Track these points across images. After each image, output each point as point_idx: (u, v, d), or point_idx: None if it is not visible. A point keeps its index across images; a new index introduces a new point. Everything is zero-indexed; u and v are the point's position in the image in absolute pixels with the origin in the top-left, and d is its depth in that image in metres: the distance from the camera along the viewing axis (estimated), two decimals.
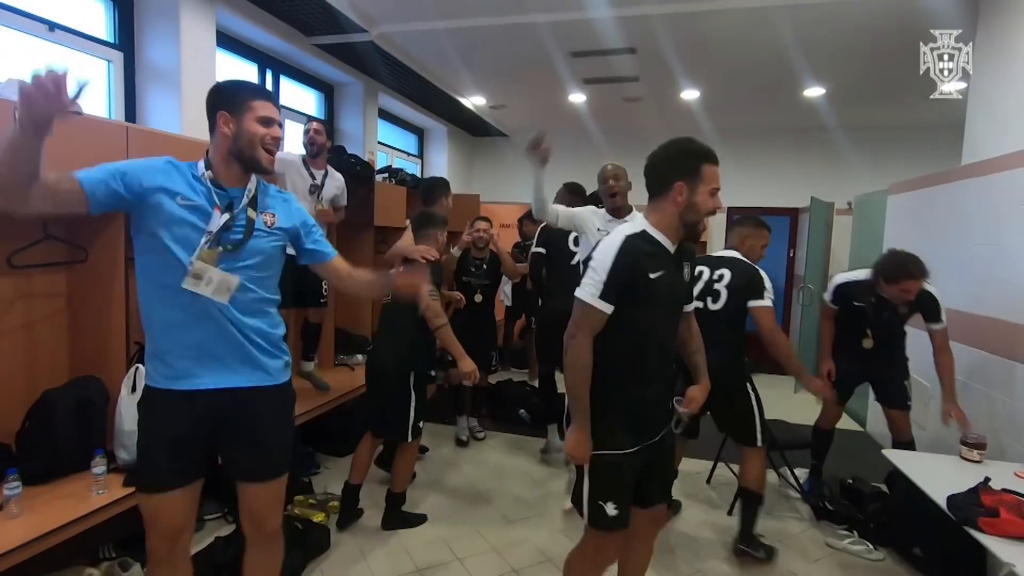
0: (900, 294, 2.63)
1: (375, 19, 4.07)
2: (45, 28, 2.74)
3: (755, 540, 2.53)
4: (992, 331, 2.83)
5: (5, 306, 2.16)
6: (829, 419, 3.15)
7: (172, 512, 1.53)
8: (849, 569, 2.52)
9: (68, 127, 2.03)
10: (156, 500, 1.51)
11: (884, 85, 4.93)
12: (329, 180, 3.22)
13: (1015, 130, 2.93)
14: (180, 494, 1.52)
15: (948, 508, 1.70)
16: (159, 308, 1.47)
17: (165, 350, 1.48)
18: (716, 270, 2.58)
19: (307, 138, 3.12)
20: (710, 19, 3.75)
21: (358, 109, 5.23)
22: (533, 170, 2.60)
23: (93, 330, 2.34)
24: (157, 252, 1.43)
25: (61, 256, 2.31)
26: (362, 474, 2.71)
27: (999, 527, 1.54)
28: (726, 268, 2.57)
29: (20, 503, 1.83)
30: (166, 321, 1.47)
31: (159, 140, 2.47)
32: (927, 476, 2.00)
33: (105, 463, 2.01)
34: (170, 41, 3.13)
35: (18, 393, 2.16)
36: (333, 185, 3.25)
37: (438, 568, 2.42)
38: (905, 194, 4.02)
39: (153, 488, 1.52)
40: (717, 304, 2.54)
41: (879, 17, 3.59)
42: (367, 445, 2.71)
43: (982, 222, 3.01)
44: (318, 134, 3.12)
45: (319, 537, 2.47)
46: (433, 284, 2.64)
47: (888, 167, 5.83)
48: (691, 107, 5.80)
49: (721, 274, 2.56)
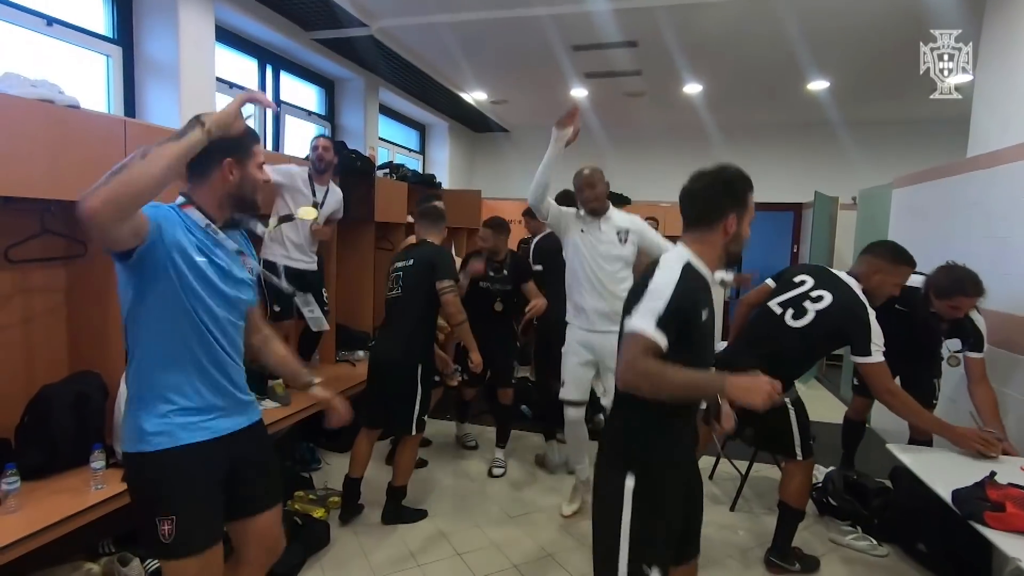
0: (950, 310, 2.46)
1: (375, 13, 4.05)
2: (43, 23, 2.73)
3: (789, 554, 2.41)
4: (997, 325, 2.80)
5: (3, 301, 2.15)
6: (858, 410, 3.14)
7: (219, 562, 1.48)
8: (853, 565, 2.51)
9: (66, 121, 2.03)
10: (209, 555, 1.44)
11: (888, 79, 4.89)
12: (330, 196, 3.19)
13: (1020, 123, 2.90)
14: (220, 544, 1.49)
15: (953, 503, 1.68)
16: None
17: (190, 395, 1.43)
18: (819, 289, 2.26)
19: (315, 155, 3.08)
20: (712, 12, 3.72)
21: (359, 104, 5.21)
22: (552, 146, 2.50)
23: (92, 325, 2.33)
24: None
25: (59, 251, 2.30)
26: (362, 468, 2.71)
27: (1005, 521, 1.52)
28: (828, 292, 2.24)
29: (19, 498, 1.82)
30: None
31: (157, 134, 2.44)
32: (931, 471, 1.98)
33: (104, 458, 2.00)
34: (169, 36, 3.12)
35: (16, 388, 2.15)
36: (334, 200, 3.23)
37: (438, 563, 2.42)
38: (909, 188, 3.99)
39: (209, 542, 1.44)
40: (797, 321, 2.24)
41: (883, 10, 3.55)
42: (365, 439, 2.71)
43: (987, 215, 2.99)
44: (326, 151, 3.09)
45: (319, 532, 2.47)
46: (452, 280, 2.66)
47: (892, 161, 5.79)
48: (693, 102, 5.77)
49: (820, 295, 2.24)
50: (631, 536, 1.34)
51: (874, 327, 2.12)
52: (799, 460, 2.32)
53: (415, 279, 2.64)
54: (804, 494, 2.38)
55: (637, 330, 1.29)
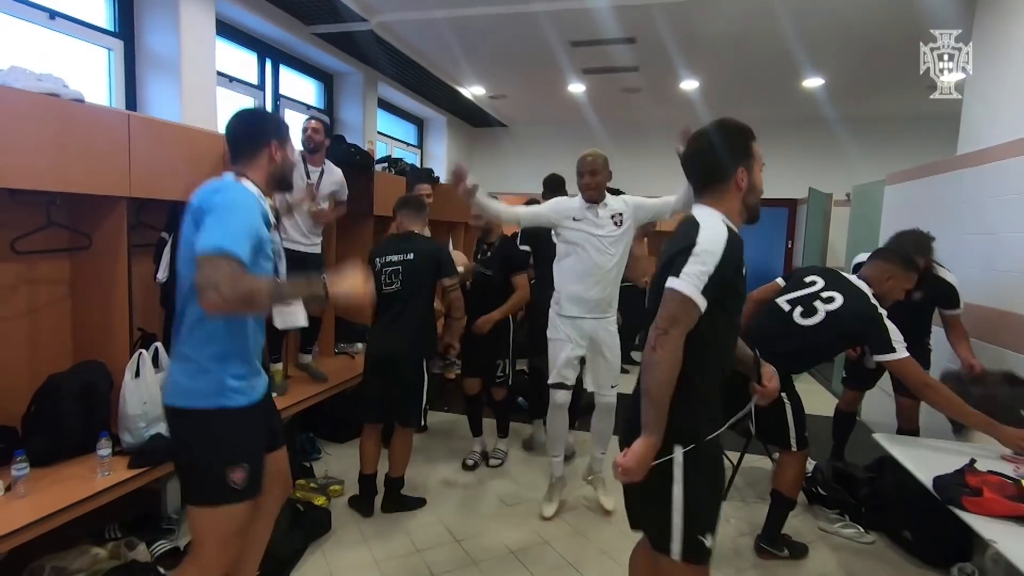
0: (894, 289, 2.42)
1: (375, 8, 4.07)
2: (46, 16, 2.75)
3: (779, 540, 2.48)
4: (985, 320, 2.86)
5: (8, 292, 2.19)
6: (848, 402, 3.22)
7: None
8: (840, 552, 2.57)
9: (71, 115, 2.06)
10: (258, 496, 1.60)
11: (882, 76, 4.93)
12: (326, 176, 3.22)
13: (1010, 120, 2.95)
14: None
15: (934, 488, 1.74)
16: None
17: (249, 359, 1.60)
18: (830, 290, 2.31)
19: (304, 136, 3.13)
20: (709, 8, 3.75)
21: (357, 99, 5.23)
22: (468, 201, 2.47)
23: (96, 316, 2.37)
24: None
25: (64, 242, 2.34)
26: (374, 463, 2.74)
27: (982, 506, 1.58)
28: (840, 294, 2.28)
29: (27, 483, 1.86)
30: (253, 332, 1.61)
31: (160, 129, 2.49)
32: (916, 460, 2.04)
33: (110, 445, 2.04)
34: (170, 29, 3.14)
35: (22, 378, 2.20)
36: (330, 181, 3.26)
37: (437, 549, 2.47)
38: (901, 184, 4.04)
39: (262, 484, 1.61)
40: (806, 320, 2.28)
41: (877, 7, 3.59)
42: (371, 435, 2.73)
43: (976, 211, 3.04)
44: (316, 132, 3.13)
45: (320, 519, 2.52)
46: (456, 277, 2.74)
47: (887, 157, 5.84)
48: (690, 97, 5.81)
49: (832, 296, 2.28)
50: (684, 508, 1.33)
51: (890, 326, 2.15)
52: (794, 451, 2.37)
53: (418, 275, 2.66)
54: (797, 484, 2.45)
55: (682, 291, 1.26)
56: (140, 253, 2.51)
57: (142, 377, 2.22)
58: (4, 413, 2.10)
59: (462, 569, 2.34)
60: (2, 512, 1.75)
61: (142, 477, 2.10)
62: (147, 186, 2.34)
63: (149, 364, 2.26)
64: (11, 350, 2.18)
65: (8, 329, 2.17)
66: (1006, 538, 1.50)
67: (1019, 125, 2.83)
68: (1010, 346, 2.68)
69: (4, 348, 2.17)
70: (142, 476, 2.10)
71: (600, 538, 2.60)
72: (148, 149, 2.32)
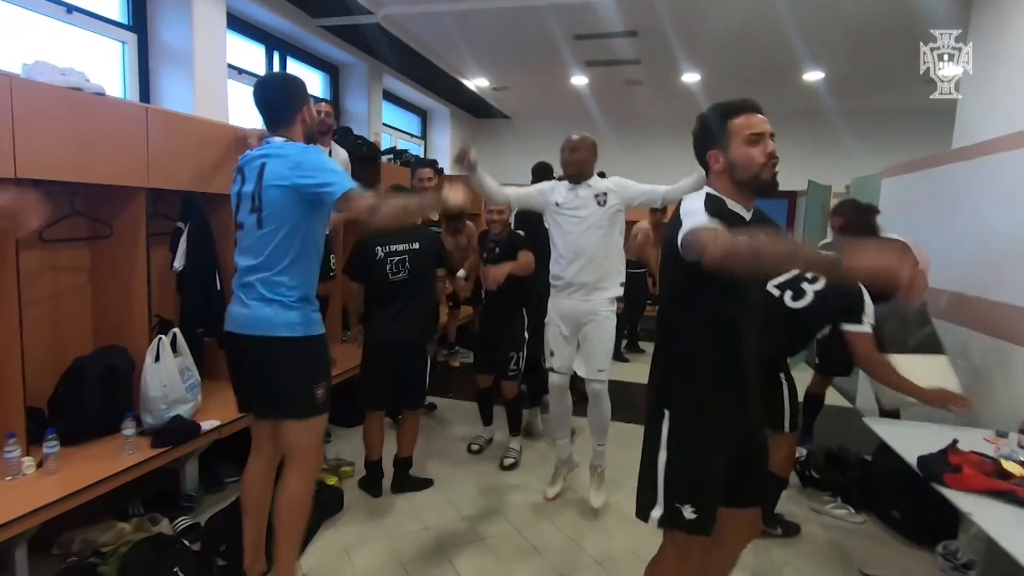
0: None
1: (381, 1, 4.12)
2: (63, 11, 2.83)
3: (773, 519, 2.56)
4: (980, 310, 2.93)
5: (33, 279, 2.27)
6: (817, 384, 3.35)
7: None
8: (832, 531, 2.67)
9: (93, 108, 2.14)
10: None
11: (881, 69, 4.99)
12: (334, 156, 3.29)
13: (1004, 113, 3.01)
14: None
15: (918, 467, 1.83)
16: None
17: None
18: None
19: (319, 119, 3.19)
20: (711, 2, 3.81)
21: (363, 90, 5.29)
22: (469, 177, 2.49)
23: (116, 303, 2.46)
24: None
25: (84, 231, 2.42)
26: (379, 449, 2.82)
27: (962, 482, 1.66)
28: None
29: (57, 461, 1.97)
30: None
31: (176, 121, 2.57)
32: (902, 440, 2.12)
33: (134, 426, 2.14)
34: (183, 23, 3.21)
35: (45, 361, 2.29)
36: (338, 160, 3.33)
37: (446, 525, 2.58)
38: (898, 177, 4.10)
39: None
40: (796, 302, 2.32)
41: (877, 2, 3.65)
42: (374, 421, 2.80)
43: (971, 204, 3.10)
44: (328, 116, 3.20)
45: (333, 498, 2.62)
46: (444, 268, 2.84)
47: (885, 150, 5.89)
48: (691, 90, 5.86)
49: (817, 276, 2.31)
50: (665, 475, 1.40)
51: (868, 301, 2.27)
52: (786, 432, 2.45)
53: (425, 264, 2.73)
54: (788, 464, 2.55)
55: (697, 227, 1.23)
56: (156, 242, 2.59)
57: (162, 361, 2.32)
58: (31, 394, 2.18)
59: (471, 545, 2.44)
60: (34, 488, 1.86)
61: (164, 456, 2.21)
62: (164, 177, 2.42)
63: (168, 349, 2.36)
64: (36, 334, 2.26)
65: (33, 314, 2.25)
66: (982, 510, 1.59)
67: (1013, 119, 2.90)
68: (1005, 336, 2.74)
69: (29, 332, 2.24)
70: (164, 455, 2.20)
71: (604, 516, 2.70)
72: (165, 141, 2.40)
